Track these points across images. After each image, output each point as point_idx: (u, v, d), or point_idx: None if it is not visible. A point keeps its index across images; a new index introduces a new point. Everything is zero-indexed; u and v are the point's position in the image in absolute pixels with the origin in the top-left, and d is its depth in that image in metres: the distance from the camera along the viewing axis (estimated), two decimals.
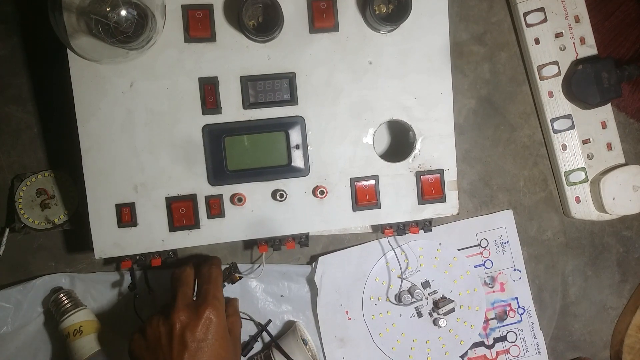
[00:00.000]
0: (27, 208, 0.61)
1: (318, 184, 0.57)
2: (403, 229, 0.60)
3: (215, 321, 0.52)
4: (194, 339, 0.50)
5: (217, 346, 0.51)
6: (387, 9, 0.56)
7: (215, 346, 0.51)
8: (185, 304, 0.53)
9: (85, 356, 0.57)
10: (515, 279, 0.67)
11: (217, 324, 0.52)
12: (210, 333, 0.51)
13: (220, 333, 0.52)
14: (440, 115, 0.58)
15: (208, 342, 0.51)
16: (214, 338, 0.51)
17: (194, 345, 0.50)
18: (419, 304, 0.65)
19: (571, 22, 0.64)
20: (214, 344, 0.51)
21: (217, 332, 0.51)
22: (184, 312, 0.52)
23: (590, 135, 0.65)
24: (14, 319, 0.60)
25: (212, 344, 0.51)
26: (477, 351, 0.67)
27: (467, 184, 0.67)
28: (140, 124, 0.54)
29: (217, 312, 0.52)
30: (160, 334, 0.51)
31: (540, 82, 0.65)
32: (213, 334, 0.51)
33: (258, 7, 0.54)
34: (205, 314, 0.51)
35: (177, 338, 0.50)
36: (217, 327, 0.52)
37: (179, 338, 0.50)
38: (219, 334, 0.52)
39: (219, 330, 0.52)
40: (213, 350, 0.51)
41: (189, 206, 0.55)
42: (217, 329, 0.51)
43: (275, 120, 0.55)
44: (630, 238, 0.69)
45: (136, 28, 0.49)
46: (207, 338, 0.51)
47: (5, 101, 0.61)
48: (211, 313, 0.52)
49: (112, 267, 0.63)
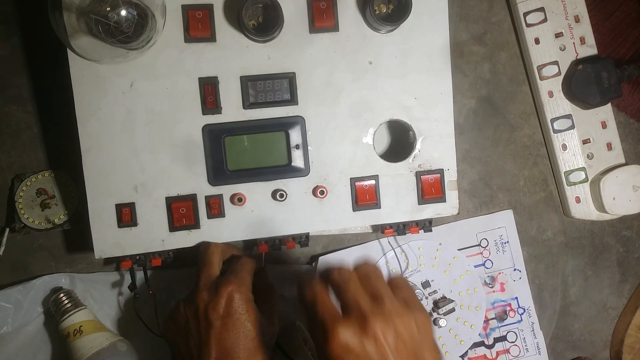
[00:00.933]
0: (27, 208, 0.61)
1: (318, 184, 0.57)
2: (403, 229, 0.60)
3: (238, 297, 0.51)
4: (218, 316, 0.50)
5: (242, 321, 0.50)
6: (387, 9, 0.56)
7: (240, 321, 0.50)
8: (206, 284, 0.52)
9: (85, 356, 0.57)
10: (515, 279, 0.67)
11: (240, 299, 0.51)
12: (233, 309, 0.50)
13: (245, 308, 0.51)
14: (440, 115, 0.58)
15: (233, 318, 0.50)
16: (239, 313, 0.51)
17: (219, 323, 0.50)
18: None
19: (571, 22, 0.64)
20: (239, 318, 0.50)
21: (241, 308, 0.51)
22: (206, 292, 0.51)
23: (591, 135, 0.65)
24: (14, 319, 0.60)
25: (238, 319, 0.50)
26: (477, 351, 0.67)
27: (467, 184, 0.67)
28: (140, 124, 0.54)
29: (239, 288, 0.51)
30: (187, 317, 0.51)
31: (540, 82, 0.65)
32: (237, 309, 0.51)
33: (258, 7, 0.54)
34: (225, 291, 0.51)
35: (202, 318, 0.50)
36: (240, 303, 0.51)
37: (204, 317, 0.50)
38: (243, 308, 0.51)
39: (242, 305, 0.51)
40: (239, 325, 0.50)
41: (189, 206, 0.55)
42: (240, 304, 0.51)
43: (275, 120, 0.56)
44: (630, 238, 0.69)
45: (136, 28, 0.49)
46: (230, 314, 0.50)
47: (5, 101, 0.61)
48: (233, 290, 0.51)
49: (112, 267, 0.63)
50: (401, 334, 0.43)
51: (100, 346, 0.58)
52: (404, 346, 0.43)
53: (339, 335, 0.42)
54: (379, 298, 0.45)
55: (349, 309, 0.44)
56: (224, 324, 0.50)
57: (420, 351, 0.44)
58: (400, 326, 0.43)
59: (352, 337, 0.42)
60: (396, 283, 0.48)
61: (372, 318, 0.42)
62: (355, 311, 0.43)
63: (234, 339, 0.50)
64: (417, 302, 0.47)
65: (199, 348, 0.50)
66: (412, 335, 0.44)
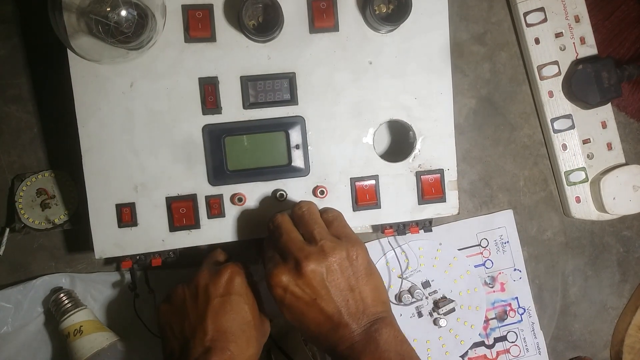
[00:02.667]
0: (27, 208, 0.61)
1: (318, 183, 0.57)
2: (403, 229, 0.60)
3: (239, 278, 0.52)
4: (217, 293, 0.51)
5: (241, 303, 0.51)
6: (387, 9, 0.56)
7: (239, 302, 0.51)
8: (209, 265, 0.54)
9: (86, 356, 0.57)
10: (515, 279, 0.67)
11: (241, 281, 0.52)
12: (234, 288, 0.51)
13: (244, 290, 0.52)
14: (440, 115, 0.58)
15: (231, 298, 0.51)
16: (238, 294, 0.52)
17: (217, 300, 0.50)
18: (419, 304, 0.65)
19: (571, 22, 0.64)
20: (238, 300, 0.51)
21: (241, 289, 0.52)
22: (207, 271, 0.53)
23: (591, 135, 0.65)
24: (14, 319, 0.60)
25: (236, 300, 0.51)
26: (477, 351, 0.67)
27: (467, 183, 0.67)
28: (140, 124, 0.54)
29: (238, 270, 0.53)
30: (185, 295, 0.52)
31: (541, 82, 0.65)
32: (237, 289, 0.52)
33: (258, 7, 0.54)
34: (227, 270, 0.52)
35: (202, 293, 0.51)
36: (240, 284, 0.52)
37: (203, 293, 0.51)
38: (242, 289, 0.52)
39: (242, 287, 0.52)
40: (236, 306, 0.51)
41: (189, 206, 0.55)
42: (240, 285, 0.52)
43: (275, 120, 0.55)
44: (630, 238, 0.69)
45: (136, 28, 0.49)
46: (230, 292, 0.51)
47: (5, 101, 0.61)
48: (234, 271, 0.52)
49: (112, 267, 0.63)
50: (334, 270, 0.47)
51: (100, 346, 0.58)
52: (338, 281, 0.47)
53: (277, 279, 0.47)
54: (312, 238, 0.49)
55: (284, 254, 0.48)
56: (223, 302, 0.51)
57: (356, 281, 0.48)
58: (333, 263, 0.47)
59: (288, 279, 0.47)
60: (328, 218, 0.52)
61: (304, 261, 0.47)
62: (290, 256, 0.48)
63: (231, 318, 0.50)
64: (349, 234, 0.51)
65: (193, 328, 0.50)
66: (344, 269, 0.48)
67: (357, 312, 0.47)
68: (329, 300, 0.47)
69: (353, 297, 0.48)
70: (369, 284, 0.49)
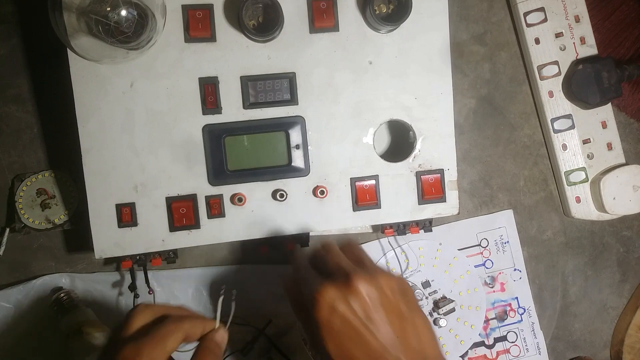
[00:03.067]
0: (27, 208, 0.61)
1: (318, 183, 0.57)
2: (403, 229, 0.60)
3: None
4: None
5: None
6: (387, 9, 0.56)
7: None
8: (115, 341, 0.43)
9: (86, 356, 0.57)
10: (515, 279, 0.67)
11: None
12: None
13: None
14: (440, 115, 0.58)
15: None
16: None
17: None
18: (419, 304, 0.65)
19: (571, 22, 0.64)
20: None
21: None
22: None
23: (591, 135, 0.65)
24: (14, 319, 0.60)
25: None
26: (477, 351, 0.67)
27: (467, 183, 0.67)
28: (140, 124, 0.54)
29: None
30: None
31: (541, 82, 0.65)
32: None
33: (258, 7, 0.54)
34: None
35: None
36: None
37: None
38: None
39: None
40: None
41: (189, 206, 0.55)
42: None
43: (276, 120, 0.56)
44: (630, 238, 0.69)
45: (136, 28, 0.49)
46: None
47: (5, 101, 0.61)
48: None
49: (112, 267, 0.63)
50: (384, 292, 0.42)
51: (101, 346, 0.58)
52: (389, 303, 0.42)
53: (325, 296, 0.41)
54: (361, 261, 0.45)
55: (332, 272, 0.43)
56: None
57: (405, 308, 0.43)
58: (384, 284, 0.42)
59: (337, 296, 0.41)
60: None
61: (355, 276, 0.41)
62: (339, 272, 0.43)
63: None
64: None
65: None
66: (394, 293, 0.43)
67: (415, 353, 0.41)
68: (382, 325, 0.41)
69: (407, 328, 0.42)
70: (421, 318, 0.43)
